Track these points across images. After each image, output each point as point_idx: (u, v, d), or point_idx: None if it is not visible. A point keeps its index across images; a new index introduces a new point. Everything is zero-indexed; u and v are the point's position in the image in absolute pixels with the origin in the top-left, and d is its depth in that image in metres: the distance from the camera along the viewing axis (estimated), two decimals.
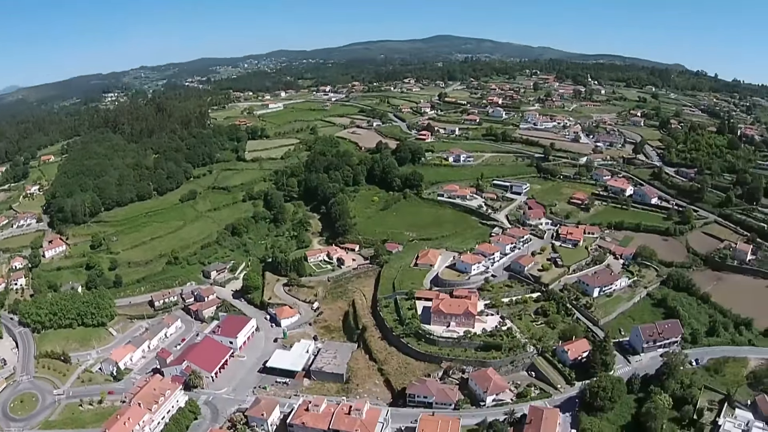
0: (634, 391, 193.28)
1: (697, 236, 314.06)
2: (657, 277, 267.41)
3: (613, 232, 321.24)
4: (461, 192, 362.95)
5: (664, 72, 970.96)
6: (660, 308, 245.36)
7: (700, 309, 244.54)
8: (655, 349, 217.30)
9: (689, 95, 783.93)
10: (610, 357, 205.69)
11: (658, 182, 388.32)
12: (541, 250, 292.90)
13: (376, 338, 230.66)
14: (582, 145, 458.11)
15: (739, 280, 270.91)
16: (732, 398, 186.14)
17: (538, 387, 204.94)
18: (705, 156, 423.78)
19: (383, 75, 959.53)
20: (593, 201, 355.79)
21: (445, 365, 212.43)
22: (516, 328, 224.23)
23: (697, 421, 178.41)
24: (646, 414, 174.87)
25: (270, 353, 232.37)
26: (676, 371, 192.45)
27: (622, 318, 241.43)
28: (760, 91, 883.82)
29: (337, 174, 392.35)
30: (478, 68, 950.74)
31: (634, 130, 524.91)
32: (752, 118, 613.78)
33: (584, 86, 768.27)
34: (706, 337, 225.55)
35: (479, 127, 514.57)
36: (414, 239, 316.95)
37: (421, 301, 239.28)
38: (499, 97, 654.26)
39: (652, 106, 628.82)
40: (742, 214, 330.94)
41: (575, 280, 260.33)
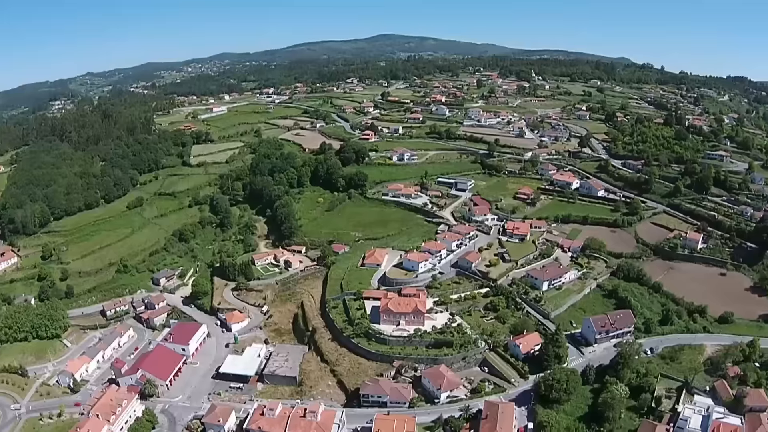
0: (590, 382, 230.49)
1: (646, 227, 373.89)
2: (607, 269, 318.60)
3: (561, 225, 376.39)
4: (406, 190, 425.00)
5: (609, 66, 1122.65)
6: (611, 299, 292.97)
7: (652, 298, 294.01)
8: (608, 339, 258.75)
9: (635, 88, 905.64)
10: (563, 349, 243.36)
11: (604, 175, 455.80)
12: (488, 246, 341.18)
13: (327, 339, 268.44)
14: (527, 141, 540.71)
15: (690, 269, 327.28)
16: (690, 385, 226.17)
17: (492, 382, 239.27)
18: (652, 148, 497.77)
19: (326, 76, 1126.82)
20: (539, 195, 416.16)
21: (397, 364, 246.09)
22: (466, 324, 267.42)
23: (656, 409, 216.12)
24: (603, 404, 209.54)
25: (222, 359, 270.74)
26: (631, 361, 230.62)
27: (573, 310, 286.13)
28: (708, 83, 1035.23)
29: (282, 176, 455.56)
30: (421, 66, 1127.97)
31: (580, 124, 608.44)
32: (700, 109, 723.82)
33: (528, 82, 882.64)
34: (660, 326, 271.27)
35: (423, 126, 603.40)
36: (360, 239, 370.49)
37: (369, 300, 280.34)
38: (443, 94, 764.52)
39: (597, 100, 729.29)
40: (691, 204, 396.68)
41: (524, 275, 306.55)
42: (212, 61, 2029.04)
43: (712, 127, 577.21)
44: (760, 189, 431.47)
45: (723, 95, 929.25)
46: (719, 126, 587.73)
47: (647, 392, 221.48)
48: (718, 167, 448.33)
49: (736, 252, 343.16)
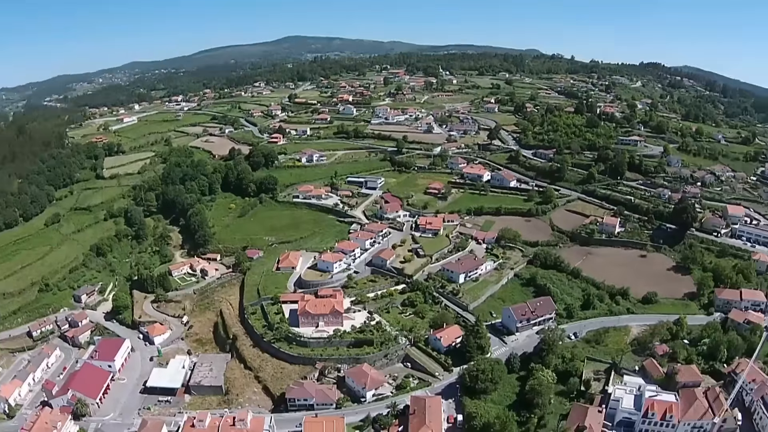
0: (515, 371, 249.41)
1: (561, 214, 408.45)
2: (523, 258, 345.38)
3: (474, 217, 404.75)
4: (316, 192, 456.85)
5: (518, 58, 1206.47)
6: (530, 287, 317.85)
7: (572, 284, 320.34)
8: (530, 327, 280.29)
9: (545, 79, 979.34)
10: (484, 340, 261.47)
11: (516, 165, 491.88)
12: (402, 243, 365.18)
13: (248, 346, 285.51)
14: (435, 136, 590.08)
15: (609, 253, 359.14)
16: (618, 366, 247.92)
17: (416, 377, 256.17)
18: (563, 136, 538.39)
19: (234, 80, 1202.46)
20: (450, 189, 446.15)
21: (320, 365, 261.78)
22: (385, 321, 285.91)
23: (585, 392, 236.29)
24: (531, 391, 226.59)
25: (148, 373, 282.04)
26: (555, 346, 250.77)
27: (492, 301, 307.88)
28: (620, 70, 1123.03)
29: (193, 184, 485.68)
30: (328, 67, 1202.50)
31: (489, 116, 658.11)
32: (612, 96, 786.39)
33: (436, 77, 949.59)
34: (582, 311, 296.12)
35: (331, 126, 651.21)
36: (274, 243, 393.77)
37: (287, 304, 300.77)
38: (350, 94, 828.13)
39: (506, 92, 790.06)
40: (606, 189, 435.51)
41: (439, 269, 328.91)
42: (123, 71, 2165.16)
43: (624, 113, 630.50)
44: (677, 171, 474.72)
45: (636, 81, 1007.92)
46: (632, 112, 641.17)
47: (575, 376, 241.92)
48: (632, 152, 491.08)
49: (656, 234, 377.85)
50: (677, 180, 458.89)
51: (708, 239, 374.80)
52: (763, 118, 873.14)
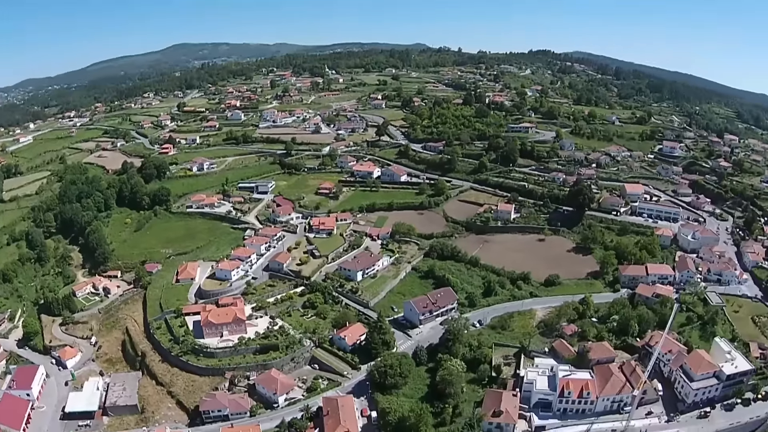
0: (424, 363, 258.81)
1: (455, 205, 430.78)
2: (419, 251, 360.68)
3: (366, 215, 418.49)
4: (209, 200, 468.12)
5: (404, 53, 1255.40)
6: (429, 279, 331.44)
7: (471, 273, 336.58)
8: (433, 319, 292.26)
9: (432, 72, 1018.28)
10: (389, 335, 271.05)
11: (405, 160, 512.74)
12: (297, 245, 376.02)
13: (158, 362, 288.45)
14: (324, 136, 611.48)
15: (506, 239, 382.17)
16: (527, 349, 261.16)
17: (325, 378, 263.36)
18: (453, 128, 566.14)
19: (124, 92, 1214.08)
20: (341, 188, 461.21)
21: (229, 375, 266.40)
22: (288, 325, 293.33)
23: (497, 377, 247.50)
24: (442, 381, 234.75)
25: (65, 398, 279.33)
26: (461, 336, 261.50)
27: (392, 296, 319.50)
28: (508, 59, 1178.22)
29: (89, 202, 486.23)
30: (215, 73, 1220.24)
31: (376, 113, 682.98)
32: (501, 85, 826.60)
33: (322, 77, 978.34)
34: (484, 298, 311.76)
35: (220, 133, 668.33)
36: (171, 255, 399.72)
37: (190, 316, 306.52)
38: (237, 99, 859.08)
39: (393, 88, 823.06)
40: (499, 177, 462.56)
41: (336, 268, 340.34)
42: (17, 89, 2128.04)
43: (514, 102, 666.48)
44: (571, 154, 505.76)
45: (525, 69, 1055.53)
46: (522, 99, 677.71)
47: (485, 363, 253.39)
48: (524, 139, 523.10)
49: (553, 217, 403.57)
50: (571, 163, 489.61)
51: (607, 219, 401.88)
52: (658, 98, 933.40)
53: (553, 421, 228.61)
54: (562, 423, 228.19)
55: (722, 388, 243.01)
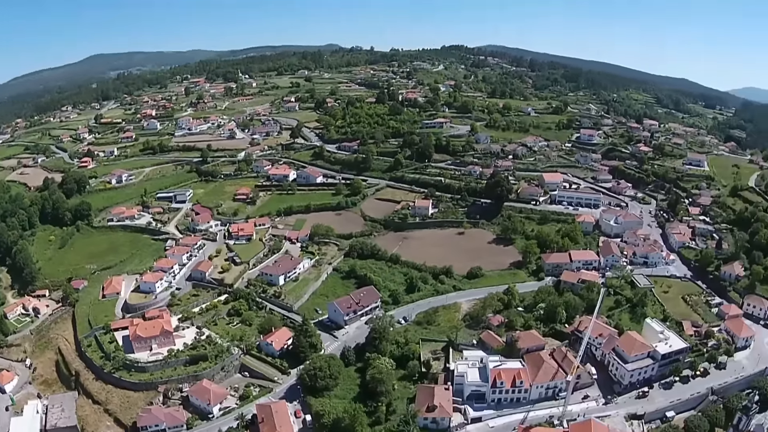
0: (352, 363, 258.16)
1: (372, 203, 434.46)
2: (339, 251, 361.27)
3: (285, 218, 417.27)
4: (129, 212, 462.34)
5: (316, 54, 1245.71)
6: (351, 279, 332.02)
7: (393, 270, 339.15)
8: (358, 318, 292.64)
9: (345, 72, 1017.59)
10: (315, 338, 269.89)
11: (321, 161, 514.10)
12: (218, 253, 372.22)
13: (92, 380, 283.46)
14: (238, 141, 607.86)
15: (426, 235, 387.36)
16: (455, 342, 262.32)
17: (257, 385, 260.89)
18: (367, 127, 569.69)
19: (43, 107, 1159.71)
20: (258, 193, 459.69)
21: (162, 388, 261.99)
22: (214, 334, 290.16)
23: (427, 372, 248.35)
24: (372, 380, 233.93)
25: (7, 424, 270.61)
26: (387, 333, 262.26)
27: (315, 298, 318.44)
28: (421, 56, 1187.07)
29: (14, 220, 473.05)
30: (131, 83, 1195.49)
31: (290, 115, 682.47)
32: (414, 82, 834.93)
33: (236, 82, 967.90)
34: (408, 295, 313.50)
35: (137, 143, 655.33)
36: (96, 271, 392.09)
37: (119, 331, 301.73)
38: (153, 108, 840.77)
39: (306, 90, 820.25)
40: (415, 174, 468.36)
41: (258, 274, 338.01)
42: None
43: (427, 98, 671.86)
44: (486, 147, 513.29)
45: (438, 65, 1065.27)
46: (435, 95, 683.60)
47: (413, 359, 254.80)
48: (438, 134, 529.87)
49: (472, 210, 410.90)
50: (487, 156, 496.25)
51: (527, 209, 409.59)
52: (574, 87, 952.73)
53: (488, 411, 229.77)
54: (498, 413, 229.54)
55: (658, 368, 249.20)
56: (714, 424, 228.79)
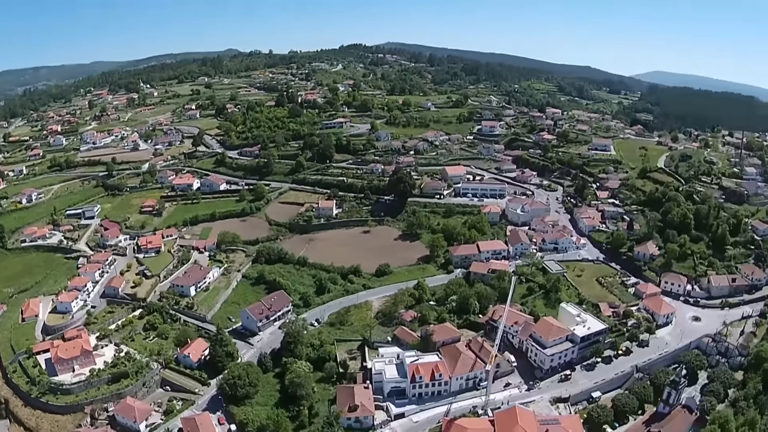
0: (270, 369, 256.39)
1: (276, 208, 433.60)
2: (247, 258, 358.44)
3: (191, 228, 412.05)
4: (41, 232, 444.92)
5: (216, 60, 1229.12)
6: (261, 285, 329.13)
7: (301, 273, 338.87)
8: (271, 324, 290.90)
9: (244, 77, 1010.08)
10: (231, 346, 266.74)
11: (223, 168, 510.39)
12: (129, 267, 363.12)
13: (21, 407, 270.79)
14: (142, 152, 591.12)
15: (332, 235, 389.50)
16: (370, 341, 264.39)
17: (179, 398, 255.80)
18: (267, 131, 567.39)
19: None
20: (164, 204, 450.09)
21: (89, 409, 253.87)
22: (133, 350, 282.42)
23: (345, 373, 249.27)
24: (292, 384, 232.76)
25: None
26: (301, 336, 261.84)
27: (227, 306, 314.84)
28: (319, 56, 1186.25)
29: None
30: (37, 99, 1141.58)
31: (192, 123, 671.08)
32: (313, 83, 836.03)
33: (138, 92, 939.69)
34: (318, 296, 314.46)
35: (44, 160, 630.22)
36: (13, 294, 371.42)
37: (41, 354, 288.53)
38: (58, 124, 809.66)
39: (206, 96, 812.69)
40: (317, 175, 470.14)
41: (169, 286, 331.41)
42: None
43: (327, 98, 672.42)
44: (387, 144, 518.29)
45: (337, 65, 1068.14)
46: (335, 95, 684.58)
47: (330, 360, 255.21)
48: (338, 134, 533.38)
49: (376, 208, 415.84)
50: (389, 153, 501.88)
51: (431, 203, 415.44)
52: (474, 80, 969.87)
53: (411, 407, 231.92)
54: (420, 408, 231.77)
55: (579, 350, 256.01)
56: (643, 400, 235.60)
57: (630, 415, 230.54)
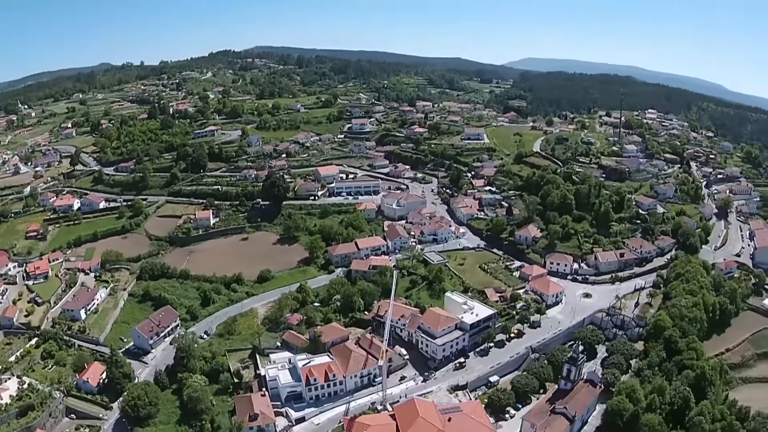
0: (168, 386, 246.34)
1: (155, 222, 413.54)
2: (131, 275, 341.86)
3: (75, 249, 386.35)
4: None
5: (90, 75, 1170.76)
6: (147, 302, 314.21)
7: (185, 286, 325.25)
8: (162, 340, 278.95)
9: (117, 91, 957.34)
10: (126, 367, 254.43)
11: (101, 186, 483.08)
12: (20, 295, 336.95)
13: None
14: (23, 176, 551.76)
15: (211, 246, 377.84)
16: (260, 348, 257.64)
17: (86, 425, 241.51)
18: (141, 144, 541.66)
19: None
20: (47, 227, 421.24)
21: None
22: (35, 381, 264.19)
23: (240, 382, 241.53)
24: (190, 400, 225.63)
25: None
26: (193, 350, 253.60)
27: (118, 326, 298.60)
28: (189, 65, 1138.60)
29: None
30: None
31: (69, 142, 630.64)
32: (183, 93, 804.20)
33: (16, 114, 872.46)
34: (204, 308, 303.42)
35: None
36: None
37: None
38: None
39: (81, 113, 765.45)
40: (192, 186, 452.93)
41: (60, 311, 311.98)
42: None
43: (198, 107, 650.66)
44: (259, 149, 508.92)
45: (206, 73, 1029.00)
46: (205, 103, 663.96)
47: (224, 372, 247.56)
48: (210, 143, 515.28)
49: (252, 214, 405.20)
50: (261, 158, 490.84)
51: (306, 205, 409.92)
52: (343, 79, 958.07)
53: (310, 410, 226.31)
54: (320, 410, 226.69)
55: (470, 337, 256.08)
56: (543, 379, 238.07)
57: (532, 395, 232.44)
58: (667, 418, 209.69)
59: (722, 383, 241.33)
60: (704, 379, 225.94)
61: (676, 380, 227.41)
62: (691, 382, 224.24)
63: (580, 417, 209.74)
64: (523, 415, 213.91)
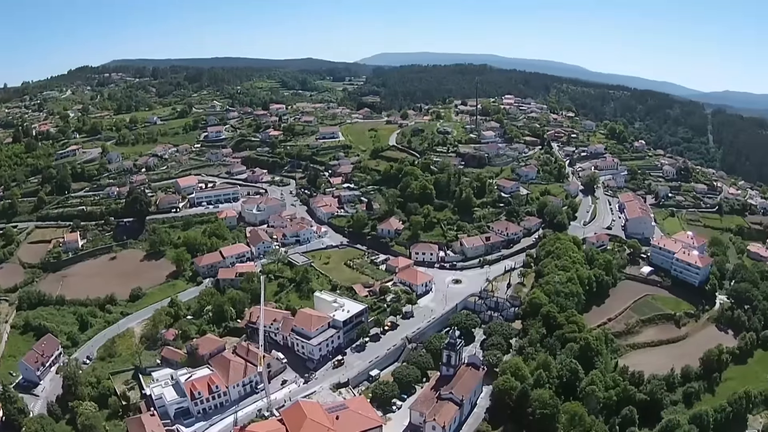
0: (61, 417, 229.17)
1: (26, 249, 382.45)
2: (11, 307, 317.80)
3: None
4: None
5: None
6: (30, 332, 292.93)
7: (63, 312, 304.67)
8: (48, 370, 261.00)
9: None
10: (20, 402, 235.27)
11: None
12: None
13: None
14: None
15: (82, 269, 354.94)
16: (141, 367, 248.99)
17: None
18: (8, 170, 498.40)
19: None
20: None
21: None
22: None
23: (128, 405, 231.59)
24: (84, 428, 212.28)
25: None
26: (78, 377, 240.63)
27: (6, 361, 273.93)
28: (50, 84, 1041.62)
29: None
30: None
31: None
32: (45, 113, 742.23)
33: None
34: (83, 333, 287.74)
35: None
36: None
37: None
38: None
39: None
40: (58, 208, 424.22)
41: None
42: None
43: (59, 127, 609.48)
44: (119, 165, 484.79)
45: (66, 91, 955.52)
46: (66, 123, 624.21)
47: (111, 395, 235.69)
48: (72, 162, 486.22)
49: (119, 232, 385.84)
50: (121, 174, 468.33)
51: (169, 218, 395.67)
52: (197, 87, 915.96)
53: (199, 424, 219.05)
54: (209, 422, 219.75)
55: (344, 334, 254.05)
56: (425, 368, 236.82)
57: (415, 384, 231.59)
58: (557, 391, 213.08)
59: (610, 352, 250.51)
60: (590, 349, 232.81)
61: (560, 354, 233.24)
62: (576, 354, 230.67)
63: (467, 400, 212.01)
64: (410, 405, 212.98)
